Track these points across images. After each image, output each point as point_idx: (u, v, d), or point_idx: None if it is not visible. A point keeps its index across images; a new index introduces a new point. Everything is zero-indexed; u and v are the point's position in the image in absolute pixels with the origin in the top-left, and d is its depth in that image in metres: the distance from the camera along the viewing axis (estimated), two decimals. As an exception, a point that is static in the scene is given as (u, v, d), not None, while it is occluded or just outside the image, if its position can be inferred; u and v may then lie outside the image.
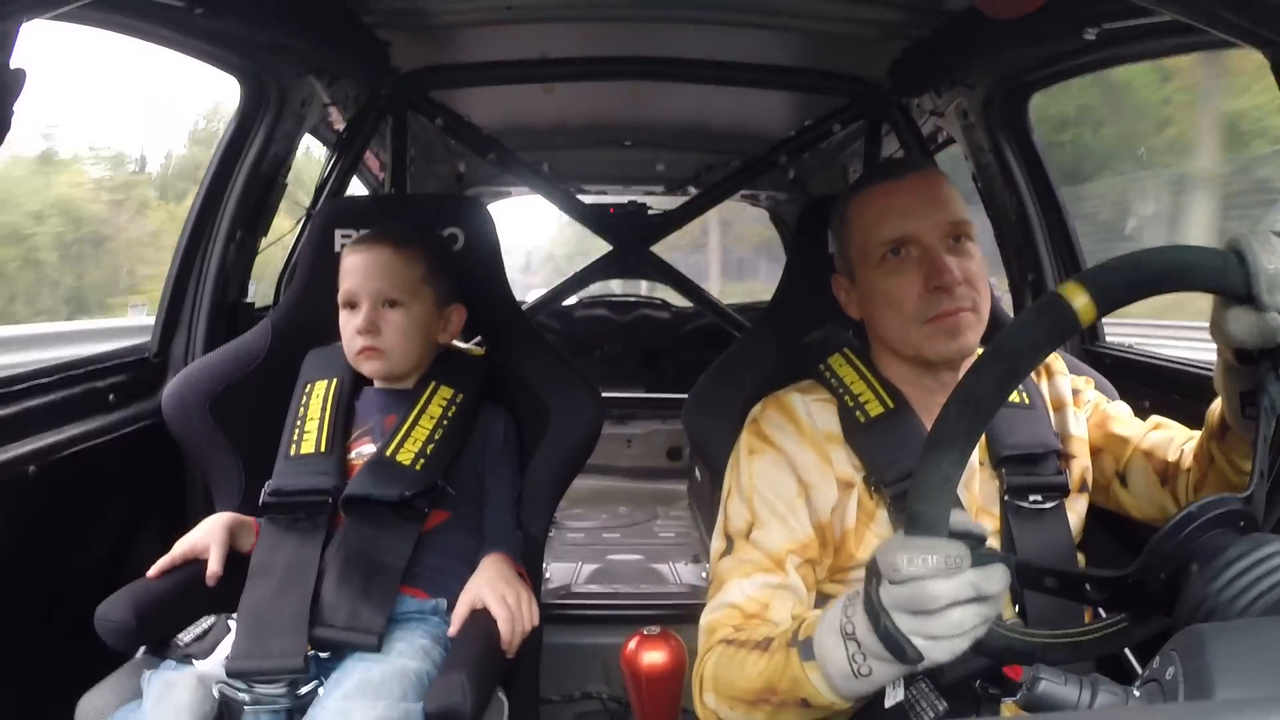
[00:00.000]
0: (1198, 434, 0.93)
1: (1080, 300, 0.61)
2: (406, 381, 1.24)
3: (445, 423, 1.19)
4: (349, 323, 1.20)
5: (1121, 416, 1.04)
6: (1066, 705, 0.56)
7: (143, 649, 1.08)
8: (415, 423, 1.18)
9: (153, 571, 1.10)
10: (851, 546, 0.94)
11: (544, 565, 2.13)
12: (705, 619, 0.92)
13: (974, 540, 0.63)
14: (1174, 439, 0.99)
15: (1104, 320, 1.65)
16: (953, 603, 0.61)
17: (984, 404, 0.62)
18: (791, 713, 0.79)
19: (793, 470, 0.95)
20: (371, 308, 1.18)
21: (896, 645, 0.64)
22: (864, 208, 0.98)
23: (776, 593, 0.90)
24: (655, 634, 1.61)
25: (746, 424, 1.00)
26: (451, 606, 1.11)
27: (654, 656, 1.59)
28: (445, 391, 1.22)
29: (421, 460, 1.15)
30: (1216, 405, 0.87)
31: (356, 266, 1.19)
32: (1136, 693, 0.51)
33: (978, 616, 0.62)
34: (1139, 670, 0.84)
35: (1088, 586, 0.66)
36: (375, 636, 1.04)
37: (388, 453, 1.16)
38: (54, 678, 1.19)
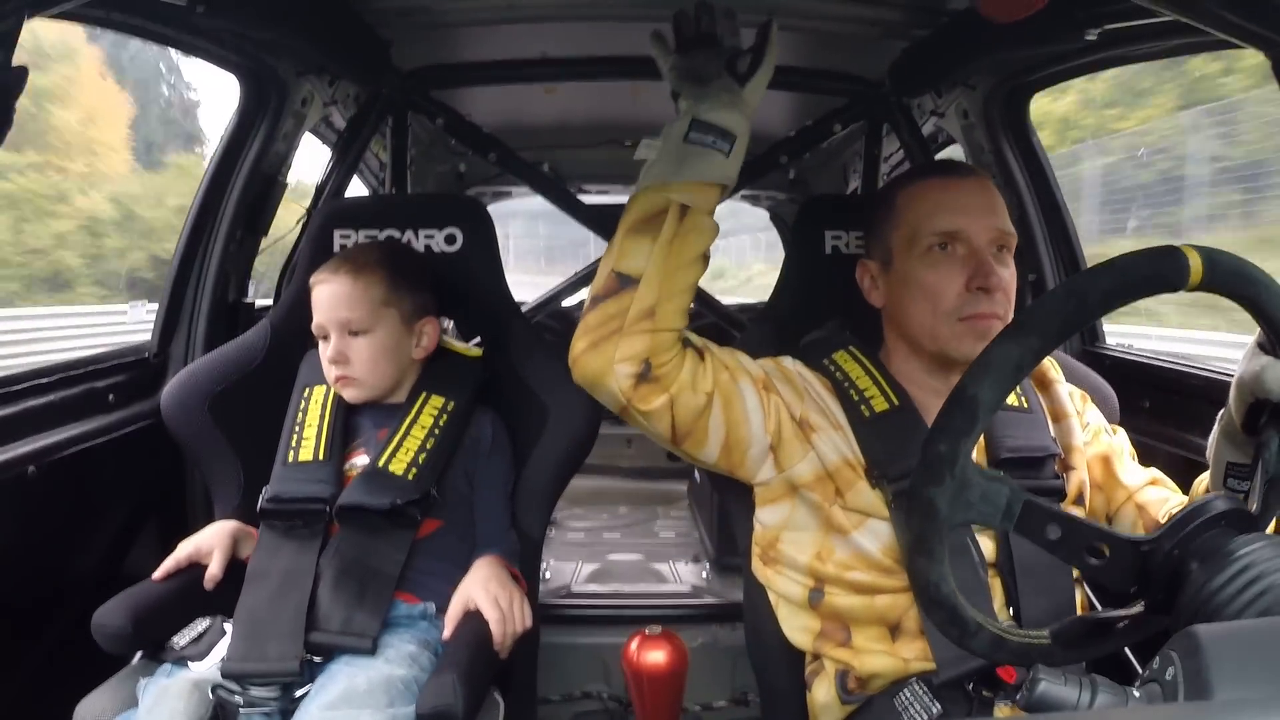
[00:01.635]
0: (1186, 500, 0.94)
1: (1195, 262, 0.61)
2: (397, 395, 1.24)
3: (437, 432, 1.20)
4: (323, 354, 1.21)
5: (1124, 457, 1.04)
6: (1066, 706, 0.55)
7: (140, 653, 1.08)
8: (407, 433, 1.19)
9: (158, 574, 1.10)
10: (842, 487, 0.96)
11: (544, 565, 2.13)
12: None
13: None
14: (1168, 500, 0.98)
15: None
16: None
17: (1088, 305, 0.62)
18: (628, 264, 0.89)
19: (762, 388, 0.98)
20: (339, 338, 1.19)
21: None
22: (919, 197, 0.98)
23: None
24: (656, 634, 1.61)
25: None
26: (441, 611, 1.11)
27: (655, 656, 1.59)
28: (436, 400, 1.22)
29: (414, 470, 1.16)
30: (1203, 478, 0.89)
31: (321, 299, 1.21)
32: (1136, 693, 0.51)
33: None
34: (1139, 670, 0.84)
35: (1088, 549, 0.66)
36: (370, 640, 1.04)
37: (380, 463, 1.16)
38: (52, 681, 1.19)
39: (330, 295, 1.20)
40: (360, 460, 1.20)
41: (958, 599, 0.66)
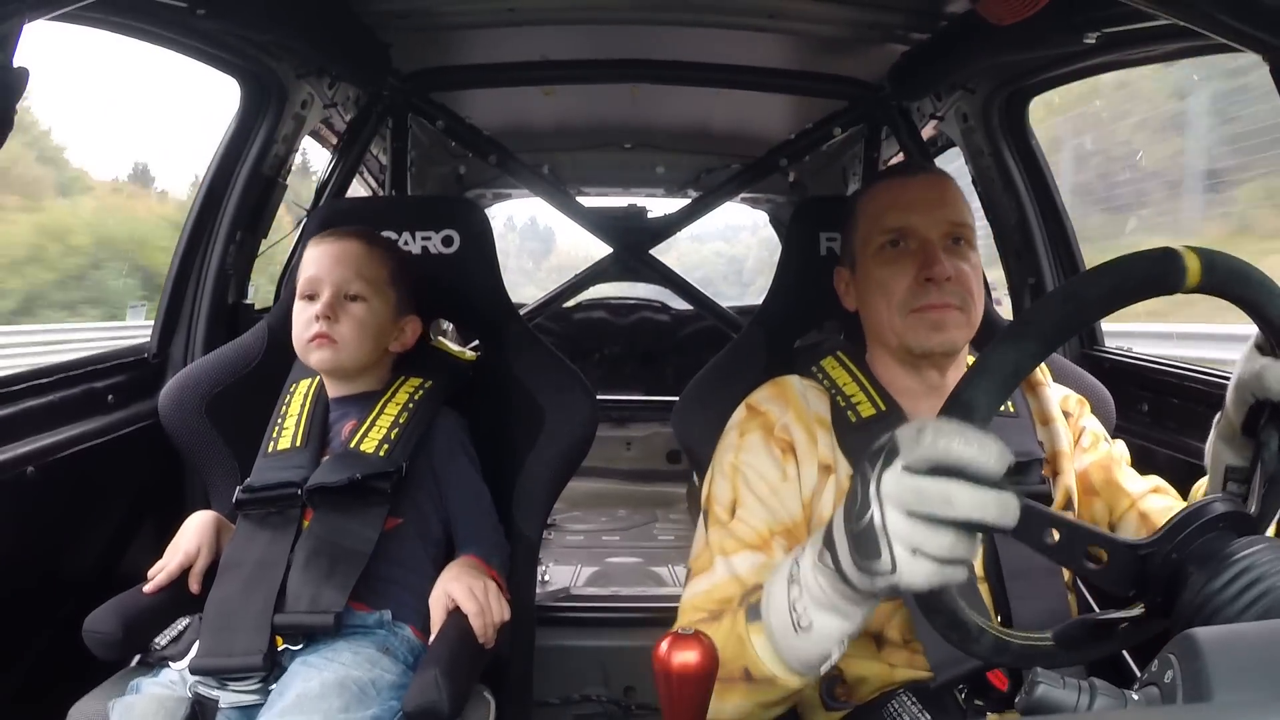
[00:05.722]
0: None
1: (1193, 264, 0.61)
2: (372, 384, 1.22)
3: (411, 406, 1.19)
4: (304, 312, 1.17)
5: (1124, 465, 1.04)
6: (1065, 708, 0.55)
7: (138, 657, 1.08)
8: (381, 412, 1.18)
9: (149, 587, 1.09)
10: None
11: (543, 568, 2.13)
12: (685, 596, 0.91)
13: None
14: (1171, 508, 0.97)
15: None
16: (964, 520, 0.55)
17: (1086, 309, 0.61)
18: (738, 693, 0.76)
19: (781, 452, 0.95)
20: (333, 295, 1.15)
21: (872, 543, 0.58)
22: (872, 200, 1.00)
23: (763, 573, 0.88)
24: (689, 634, 1.59)
25: (743, 405, 1.01)
26: (397, 618, 1.10)
27: (686, 656, 1.57)
28: (414, 380, 1.22)
29: (385, 446, 1.15)
30: (1202, 483, 0.89)
31: (323, 256, 1.17)
32: (1135, 696, 0.51)
33: (968, 551, 0.57)
34: (1138, 673, 0.84)
35: (1086, 552, 0.65)
36: (331, 616, 1.03)
37: (352, 444, 1.15)
38: (48, 681, 1.19)
39: (336, 253, 1.17)
40: (336, 448, 1.19)
41: (958, 603, 0.65)
